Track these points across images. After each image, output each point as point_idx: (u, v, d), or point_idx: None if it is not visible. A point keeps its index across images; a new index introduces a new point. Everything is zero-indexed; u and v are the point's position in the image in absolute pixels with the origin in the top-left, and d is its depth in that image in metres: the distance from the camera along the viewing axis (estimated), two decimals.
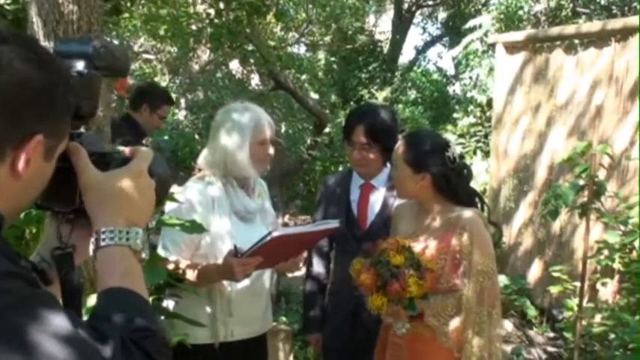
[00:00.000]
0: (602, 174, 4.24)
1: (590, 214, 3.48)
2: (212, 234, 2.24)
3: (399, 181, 2.27)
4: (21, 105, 0.78)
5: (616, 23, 4.89)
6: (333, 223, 2.17)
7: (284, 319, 4.70)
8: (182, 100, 9.15)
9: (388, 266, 2.02)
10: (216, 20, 5.23)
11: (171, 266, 2.14)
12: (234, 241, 2.16)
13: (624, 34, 4.63)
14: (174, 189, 2.26)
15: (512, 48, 5.47)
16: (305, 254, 2.59)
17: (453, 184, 2.19)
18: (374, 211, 2.59)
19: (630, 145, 4.50)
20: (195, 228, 2.07)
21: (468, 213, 2.17)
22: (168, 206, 2.26)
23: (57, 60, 0.87)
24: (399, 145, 2.26)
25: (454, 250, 2.14)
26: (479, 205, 2.28)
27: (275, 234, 1.98)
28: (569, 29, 5.24)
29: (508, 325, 4.83)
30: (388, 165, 2.64)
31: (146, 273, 1.91)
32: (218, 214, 2.27)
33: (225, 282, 2.21)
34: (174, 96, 9.92)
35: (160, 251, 2.24)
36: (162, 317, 2.14)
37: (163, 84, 10.27)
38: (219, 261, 2.14)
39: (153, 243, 2.45)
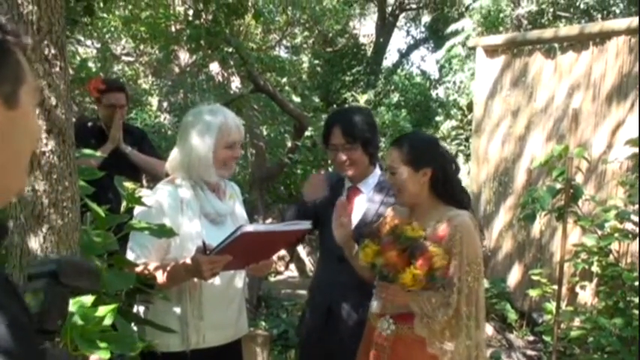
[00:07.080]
0: (579, 178, 4.26)
1: (568, 218, 3.48)
2: (181, 236, 2.19)
3: (400, 186, 2.18)
4: None
5: (594, 27, 4.91)
6: (305, 224, 2.12)
7: (263, 323, 4.66)
8: (164, 103, 9.09)
9: (411, 239, 2.01)
10: (196, 21, 5.18)
11: (139, 269, 2.09)
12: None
13: (602, 37, 4.66)
14: (144, 192, 2.20)
15: (492, 52, 5.48)
16: (285, 253, 2.58)
17: (449, 177, 2.18)
18: (358, 216, 2.55)
19: (607, 149, 4.52)
20: (164, 232, 2.02)
21: (460, 215, 2.15)
22: (137, 210, 2.21)
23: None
24: (392, 151, 2.20)
25: (445, 250, 2.11)
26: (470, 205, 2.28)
27: (244, 229, 1.93)
28: (548, 33, 5.26)
29: (488, 329, 4.83)
30: (377, 169, 2.60)
31: (114, 278, 1.89)
32: (187, 217, 2.22)
33: (195, 281, 2.16)
34: (156, 99, 9.89)
35: (128, 255, 2.19)
36: (133, 324, 2.09)
37: (146, 86, 10.20)
38: (189, 261, 2.09)
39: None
